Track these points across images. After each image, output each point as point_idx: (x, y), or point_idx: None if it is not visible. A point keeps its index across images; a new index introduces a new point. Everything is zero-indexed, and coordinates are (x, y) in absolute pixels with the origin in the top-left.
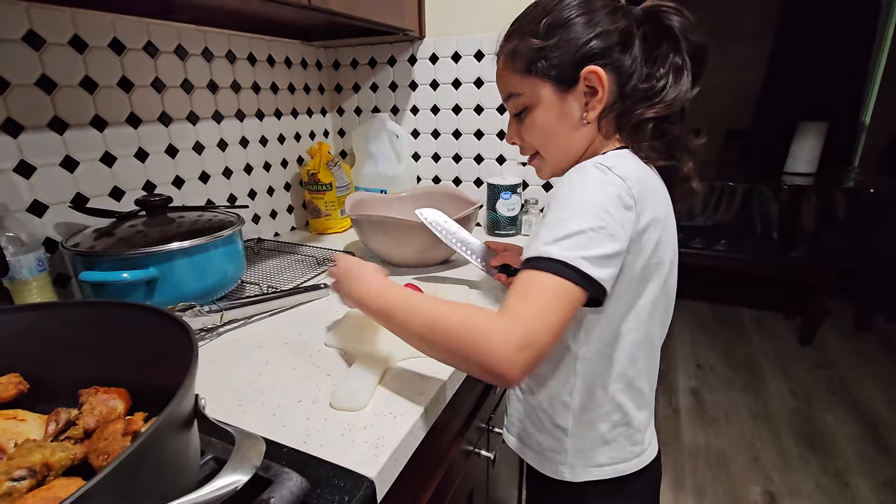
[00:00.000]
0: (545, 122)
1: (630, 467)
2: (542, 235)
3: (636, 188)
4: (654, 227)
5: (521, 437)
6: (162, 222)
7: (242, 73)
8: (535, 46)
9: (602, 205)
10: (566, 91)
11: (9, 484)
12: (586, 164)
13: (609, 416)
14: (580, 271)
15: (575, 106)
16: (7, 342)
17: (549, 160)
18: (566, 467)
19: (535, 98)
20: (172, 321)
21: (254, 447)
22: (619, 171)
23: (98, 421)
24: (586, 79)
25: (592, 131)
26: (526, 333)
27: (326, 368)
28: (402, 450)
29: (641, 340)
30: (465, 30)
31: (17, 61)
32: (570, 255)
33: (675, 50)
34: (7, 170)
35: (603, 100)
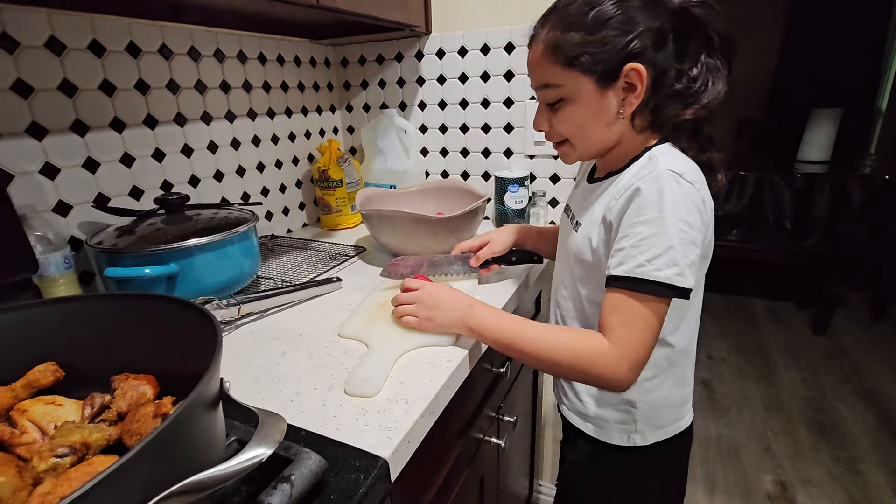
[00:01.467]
0: (582, 116)
1: (682, 425)
2: (635, 255)
3: (703, 190)
4: (711, 219)
5: (583, 413)
6: (180, 220)
7: (253, 73)
8: (580, 41)
9: (683, 217)
10: (607, 87)
11: (53, 460)
12: (660, 175)
13: (672, 384)
14: (677, 287)
15: (613, 101)
16: (43, 333)
17: (578, 149)
18: (638, 435)
19: (574, 92)
20: (197, 311)
21: (276, 424)
22: (688, 176)
23: (130, 405)
24: (627, 76)
25: (625, 124)
26: (633, 358)
27: (340, 358)
28: (414, 433)
29: (686, 313)
30: (471, 24)
31: (39, 67)
32: (666, 275)
33: (707, 47)
34: (33, 172)
35: (640, 96)
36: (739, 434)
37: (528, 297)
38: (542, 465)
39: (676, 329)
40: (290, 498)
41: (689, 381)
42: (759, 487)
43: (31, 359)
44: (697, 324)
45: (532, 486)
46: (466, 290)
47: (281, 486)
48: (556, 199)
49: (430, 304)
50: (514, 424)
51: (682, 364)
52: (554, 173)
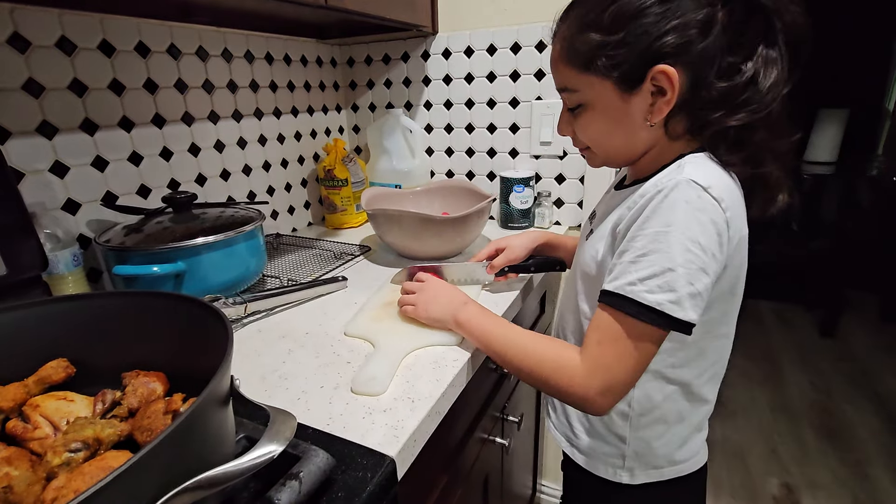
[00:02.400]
0: (603, 124)
1: (687, 468)
2: (629, 270)
3: (730, 209)
4: (739, 247)
5: (570, 439)
6: (187, 218)
7: (260, 73)
8: (596, 42)
9: (695, 236)
10: (630, 92)
11: (67, 454)
12: (678, 184)
13: (670, 424)
14: (668, 316)
15: (638, 107)
16: (55, 330)
17: (601, 158)
18: (625, 471)
19: (592, 97)
20: (208, 309)
21: (287, 422)
22: (714, 191)
23: (140, 401)
24: (654, 79)
25: (657, 131)
26: (606, 380)
27: (347, 356)
28: (420, 432)
29: (704, 349)
30: (478, 24)
31: (50, 66)
32: (657, 300)
33: (765, 35)
34: (43, 170)
35: (672, 101)
36: (746, 437)
37: (533, 297)
38: (545, 465)
39: (684, 365)
40: (298, 495)
41: (694, 425)
42: (766, 490)
43: (43, 355)
44: (719, 367)
45: (535, 485)
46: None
47: (290, 482)
48: (562, 199)
49: (429, 297)
50: (518, 424)
51: (686, 406)
52: (559, 174)
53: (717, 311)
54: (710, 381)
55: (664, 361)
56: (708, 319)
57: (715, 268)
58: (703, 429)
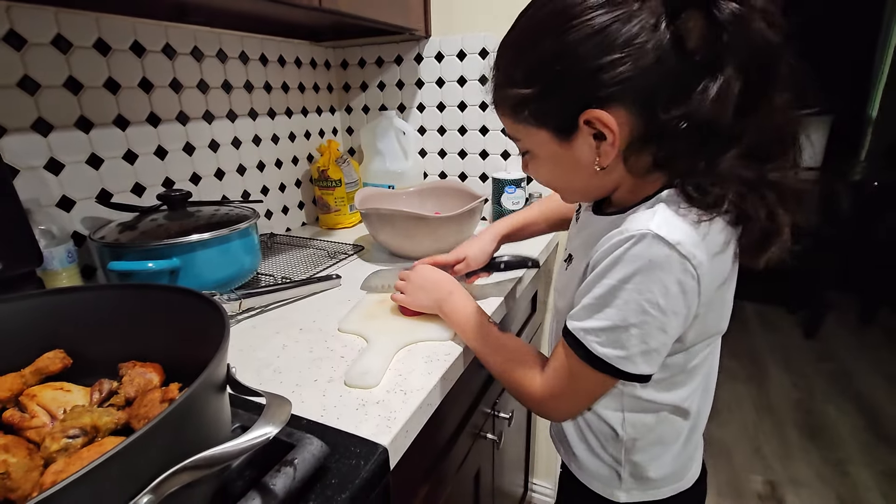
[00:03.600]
0: (552, 171)
1: (685, 484)
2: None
3: (703, 265)
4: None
5: (569, 456)
6: (182, 216)
7: (255, 74)
8: (519, 96)
9: (653, 298)
10: (568, 139)
11: (65, 440)
12: (645, 237)
13: (663, 441)
14: (619, 370)
15: (583, 152)
16: (52, 322)
17: (570, 198)
18: (622, 492)
19: (533, 146)
20: (204, 300)
21: (282, 406)
22: (685, 248)
23: (137, 391)
24: (589, 124)
25: (618, 171)
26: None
27: (340, 351)
28: (412, 423)
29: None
30: (470, 28)
31: (46, 64)
32: (605, 353)
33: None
34: (38, 167)
35: (616, 143)
36: (730, 435)
37: (524, 297)
38: (537, 464)
39: (671, 390)
40: (293, 480)
41: (692, 442)
42: (750, 488)
43: (40, 346)
44: (709, 381)
45: (527, 484)
46: None
47: (285, 469)
48: None
49: (417, 284)
50: (509, 421)
51: (680, 424)
52: None
53: (702, 344)
54: (702, 394)
55: (648, 393)
56: (690, 350)
57: (677, 323)
58: (700, 444)
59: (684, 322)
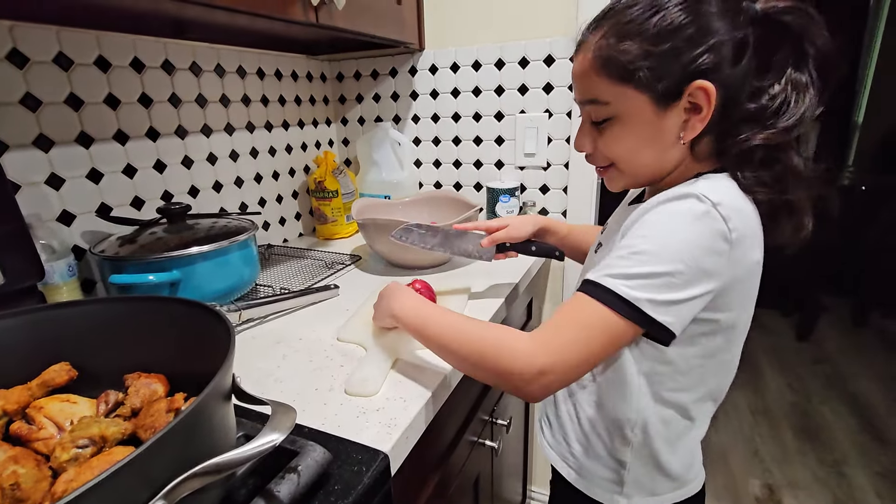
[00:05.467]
0: (634, 139)
1: (686, 493)
2: (612, 264)
3: (738, 231)
4: (746, 276)
5: (568, 460)
6: (181, 229)
7: (252, 87)
8: (638, 52)
9: (690, 249)
10: (666, 107)
11: (75, 450)
12: (688, 195)
13: (668, 447)
14: (640, 311)
15: (672, 123)
16: (57, 335)
17: (627, 175)
18: (623, 497)
19: (626, 110)
20: (208, 311)
21: (287, 413)
22: (724, 209)
23: (143, 401)
24: (692, 94)
25: (684, 151)
26: (552, 361)
27: (340, 360)
28: (412, 429)
29: (703, 375)
30: (463, 42)
31: (48, 81)
32: (633, 295)
33: (795, 60)
34: (39, 182)
35: (706, 119)
36: (727, 439)
37: (520, 303)
38: (535, 472)
39: (683, 390)
40: (297, 486)
41: (691, 445)
42: (748, 491)
43: (46, 359)
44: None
45: (526, 491)
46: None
47: (289, 475)
48: (546, 208)
49: (378, 304)
50: (507, 427)
51: (684, 428)
52: (543, 184)
53: (722, 339)
54: (707, 403)
55: (664, 385)
56: (713, 346)
57: (707, 285)
58: (699, 452)
59: (711, 286)
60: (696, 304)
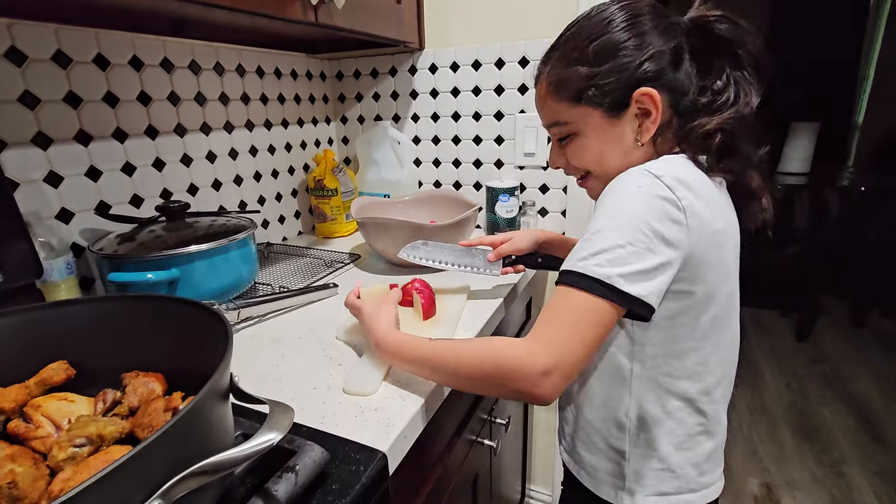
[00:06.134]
0: (597, 149)
1: (698, 499)
2: (579, 249)
3: (687, 199)
4: (712, 244)
5: (574, 456)
6: (180, 227)
7: (251, 86)
8: (584, 74)
9: (643, 216)
10: (618, 117)
11: (72, 449)
12: (633, 171)
13: (671, 439)
14: (615, 288)
15: (627, 129)
16: (55, 333)
17: (602, 180)
18: (626, 493)
19: (583, 127)
20: (205, 310)
21: (284, 413)
22: (667, 180)
23: (140, 400)
24: (639, 101)
25: (649, 150)
26: (552, 356)
27: (338, 359)
28: (410, 428)
29: (705, 359)
30: (463, 41)
31: (46, 79)
32: (606, 273)
33: (732, 61)
34: (38, 180)
35: (657, 120)
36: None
37: (518, 303)
38: (534, 470)
39: (684, 378)
40: (295, 486)
41: (703, 447)
42: (746, 490)
43: (44, 358)
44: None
45: (524, 489)
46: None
47: (286, 475)
48: (546, 208)
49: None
50: (505, 427)
51: (690, 422)
52: (543, 183)
53: (707, 316)
54: (720, 401)
55: (660, 370)
56: (698, 325)
57: (669, 253)
58: (720, 458)
59: (674, 254)
60: (665, 274)
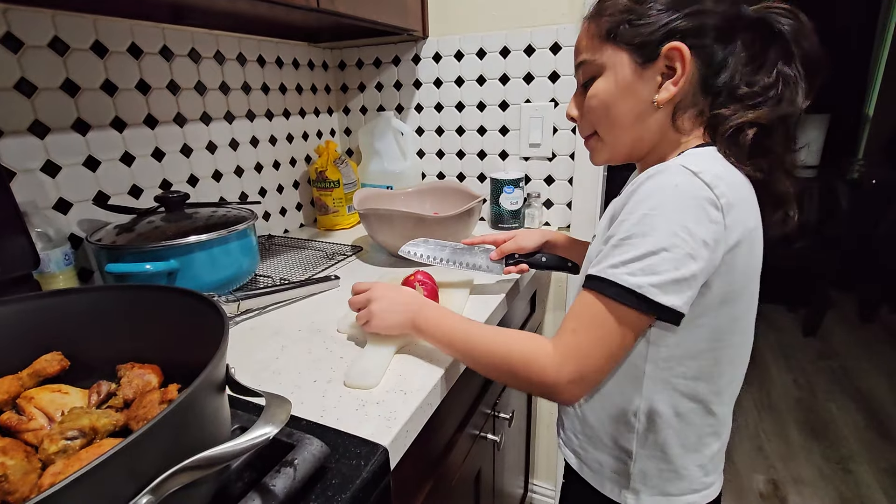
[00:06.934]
0: (610, 94)
1: (700, 499)
2: (612, 254)
3: (726, 197)
4: (744, 243)
5: (578, 452)
6: (179, 218)
7: (252, 75)
8: (622, 7)
9: (683, 219)
10: (643, 66)
11: (64, 442)
12: (669, 166)
13: (680, 441)
14: (647, 299)
15: (649, 83)
16: (50, 324)
17: (606, 141)
18: (630, 493)
19: (607, 65)
20: (201, 300)
21: (281, 405)
22: (707, 176)
23: (135, 392)
24: (667, 56)
25: (663, 121)
26: (578, 368)
27: (339, 352)
28: (412, 423)
29: (718, 360)
30: (467, 29)
31: (43, 66)
32: (638, 282)
33: (784, 58)
34: (35, 169)
35: (679, 83)
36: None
37: (522, 297)
38: (537, 465)
39: (699, 378)
40: (293, 481)
41: (710, 448)
42: (752, 487)
43: (38, 349)
44: (735, 386)
45: (527, 485)
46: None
47: (285, 469)
48: (551, 200)
49: (381, 310)
50: (509, 421)
51: (701, 424)
52: (548, 175)
53: (726, 317)
54: (729, 402)
55: (673, 370)
56: (717, 326)
57: (706, 255)
58: (722, 457)
59: (712, 256)
60: (699, 280)
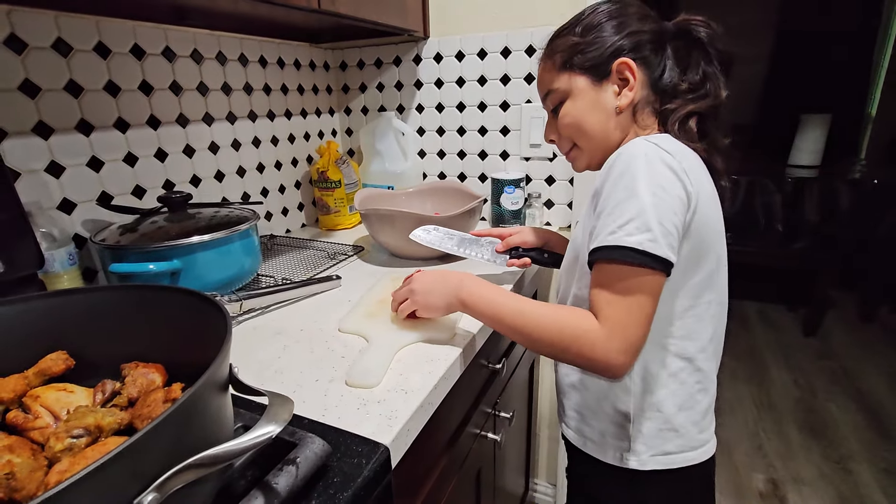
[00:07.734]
0: (579, 111)
1: (698, 456)
2: (605, 225)
3: (683, 164)
4: (706, 204)
5: (581, 429)
6: (182, 218)
7: (254, 76)
8: (571, 43)
9: (658, 180)
10: (600, 83)
11: (69, 440)
12: (635, 142)
13: (674, 400)
14: (650, 254)
15: (609, 95)
16: (55, 323)
17: (585, 150)
18: (632, 454)
19: (570, 89)
20: (205, 300)
21: (284, 405)
22: (666, 146)
23: (140, 391)
24: (618, 70)
25: (627, 121)
26: (625, 339)
27: (341, 351)
28: (413, 421)
29: (700, 316)
30: (468, 29)
31: (47, 67)
32: (637, 240)
33: (705, 59)
34: (39, 170)
35: (634, 88)
36: (732, 434)
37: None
38: (538, 464)
39: (685, 337)
40: (295, 479)
41: (701, 405)
42: (752, 486)
43: (43, 348)
44: (717, 343)
45: (528, 484)
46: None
47: (287, 467)
48: (552, 200)
49: (424, 290)
50: (509, 420)
51: (690, 381)
52: (549, 175)
53: (703, 273)
54: (712, 358)
55: (663, 331)
56: (696, 282)
57: (682, 209)
58: (712, 416)
59: (685, 208)
60: (680, 230)
